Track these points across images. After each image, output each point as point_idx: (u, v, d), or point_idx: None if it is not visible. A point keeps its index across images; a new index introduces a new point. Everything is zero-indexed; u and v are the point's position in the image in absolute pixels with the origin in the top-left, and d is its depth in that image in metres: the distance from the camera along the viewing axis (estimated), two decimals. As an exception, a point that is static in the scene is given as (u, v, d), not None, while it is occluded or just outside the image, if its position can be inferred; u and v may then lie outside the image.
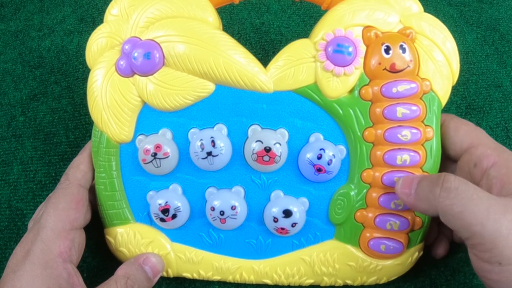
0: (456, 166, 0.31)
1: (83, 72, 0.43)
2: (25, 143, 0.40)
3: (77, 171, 0.32)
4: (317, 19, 0.32)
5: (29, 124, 0.41)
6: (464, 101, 0.41)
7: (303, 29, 0.45)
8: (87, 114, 0.41)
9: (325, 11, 0.32)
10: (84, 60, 0.43)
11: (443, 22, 0.31)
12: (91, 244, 0.32)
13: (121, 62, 0.30)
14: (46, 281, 0.27)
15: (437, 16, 0.31)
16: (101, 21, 0.32)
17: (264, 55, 0.43)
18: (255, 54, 0.31)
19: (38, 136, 0.40)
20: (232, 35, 0.31)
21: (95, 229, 0.33)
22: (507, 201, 0.25)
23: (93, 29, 0.32)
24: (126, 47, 0.30)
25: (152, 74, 0.30)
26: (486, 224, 0.24)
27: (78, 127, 0.40)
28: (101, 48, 0.31)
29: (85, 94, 0.41)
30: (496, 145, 0.30)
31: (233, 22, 0.45)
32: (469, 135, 0.30)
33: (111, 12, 0.31)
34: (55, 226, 0.29)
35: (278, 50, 0.31)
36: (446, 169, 0.32)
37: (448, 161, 0.32)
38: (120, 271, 0.30)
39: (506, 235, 0.24)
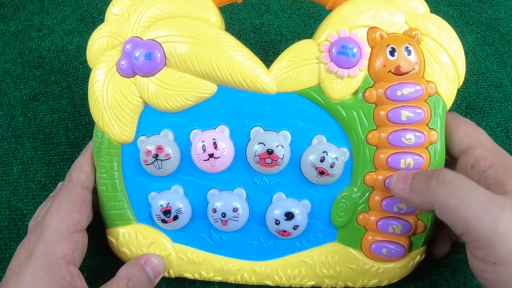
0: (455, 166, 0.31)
1: (83, 72, 0.43)
2: (25, 143, 0.40)
3: (80, 173, 0.32)
4: (318, 19, 0.32)
5: (29, 124, 0.40)
6: (464, 101, 0.41)
7: (303, 29, 0.45)
8: (87, 114, 0.41)
9: (328, 11, 0.32)
10: (84, 60, 0.43)
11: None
12: (91, 245, 0.32)
13: (122, 62, 0.30)
14: (49, 283, 0.27)
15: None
16: (101, 21, 0.31)
17: (264, 55, 0.43)
18: (255, 54, 0.31)
19: (38, 136, 0.40)
20: (232, 35, 0.31)
21: (96, 229, 0.33)
22: (504, 199, 0.25)
23: (93, 29, 0.31)
24: (127, 47, 0.30)
25: (153, 75, 0.30)
26: (483, 220, 0.24)
27: (78, 127, 0.40)
28: (102, 48, 0.30)
29: (85, 94, 0.41)
30: (495, 147, 0.30)
31: (233, 22, 0.45)
32: (467, 136, 0.30)
33: (112, 11, 0.31)
34: (59, 228, 0.29)
35: (278, 50, 0.31)
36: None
37: (448, 159, 0.31)
38: (122, 272, 0.30)
39: (503, 233, 0.23)
